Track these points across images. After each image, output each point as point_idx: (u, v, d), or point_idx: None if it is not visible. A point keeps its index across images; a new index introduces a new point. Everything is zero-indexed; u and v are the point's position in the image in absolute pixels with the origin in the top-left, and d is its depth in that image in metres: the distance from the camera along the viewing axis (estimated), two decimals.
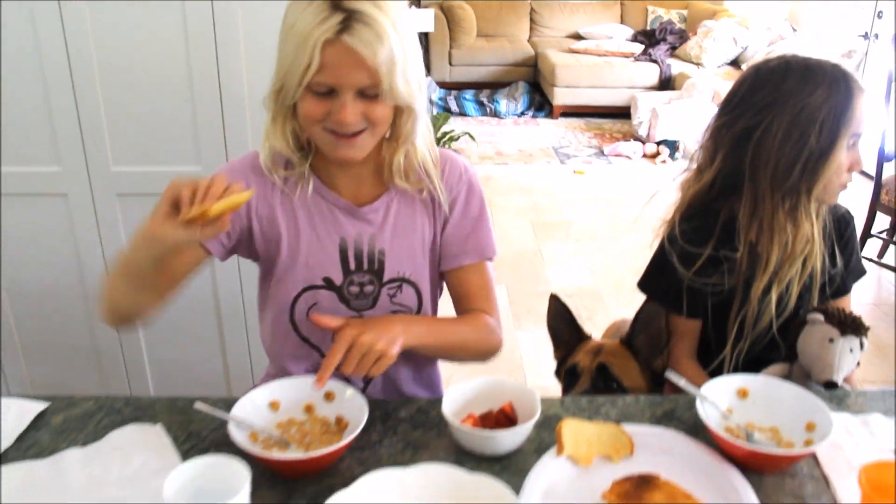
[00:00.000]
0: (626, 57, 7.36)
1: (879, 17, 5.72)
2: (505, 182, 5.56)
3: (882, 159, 3.95)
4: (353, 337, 1.18)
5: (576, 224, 4.77)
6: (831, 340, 1.39)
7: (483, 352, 1.45)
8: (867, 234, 4.10)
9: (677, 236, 1.53)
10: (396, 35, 1.18)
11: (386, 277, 1.42)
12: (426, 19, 4.16)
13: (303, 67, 1.16)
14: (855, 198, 5.15)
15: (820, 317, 1.41)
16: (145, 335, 2.41)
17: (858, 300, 3.89)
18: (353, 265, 1.40)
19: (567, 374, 1.57)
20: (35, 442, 1.21)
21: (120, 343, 2.42)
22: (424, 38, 7.64)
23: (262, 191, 1.38)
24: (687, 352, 1.57)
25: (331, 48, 1.15)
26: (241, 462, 0.95)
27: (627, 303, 2.19)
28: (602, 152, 6.21)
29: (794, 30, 6.87)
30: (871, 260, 4.15)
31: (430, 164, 1.38)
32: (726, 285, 1.50)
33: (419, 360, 1.53)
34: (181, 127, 2.19)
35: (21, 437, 1.21)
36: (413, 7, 6.39)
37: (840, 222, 1.59)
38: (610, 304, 3.78)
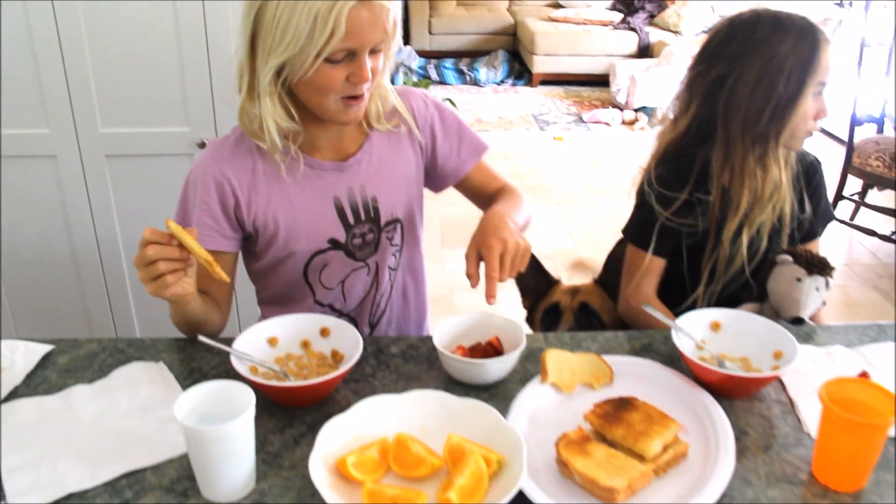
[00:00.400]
0: (605, 25, 7.40)
1: None
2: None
3: (854, 124, 4.04)
4: (500, 247, 1.23)
5: (555, 188, 4.84)
6: (799, 280, 1.47)
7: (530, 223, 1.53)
8: (839, 196, 4.20)
9: (654, 181, 1.60)
10: None
11: (383, 221, 1.48)
12: None
13: (324, 39, 1.18)
14: (827, 161, 5.26)
15: (788, 258, 1.49)
16: (132, 288, 2.46)
17: (831, 259, 4.00)
18: (351, 219, 1.45)
19: (548, 314, 1.64)
20: (44, 380, 1.26)
21: (108, 297, 2.46)
22: (404, 7, 7.64)
23: (244, 175, 1.39)
24: (653, 289, 1.64)
25: (354, 14, 1.18)
26: (245, 386, 1.01)
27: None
28: (581, 119, 6.27)
29: None
30: (843, 222, 4.25)
31: (398, 100, 1.46)
32: (700, 227, 1.58)
33: (416, 297, 1.61)
34: (169, 88, 2.22)
35: (29, 376, 1.27)
36: None
37: (809, 169, 1.66)
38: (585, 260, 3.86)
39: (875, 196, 4.46)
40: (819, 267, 1.47)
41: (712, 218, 1.57)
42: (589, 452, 1.05)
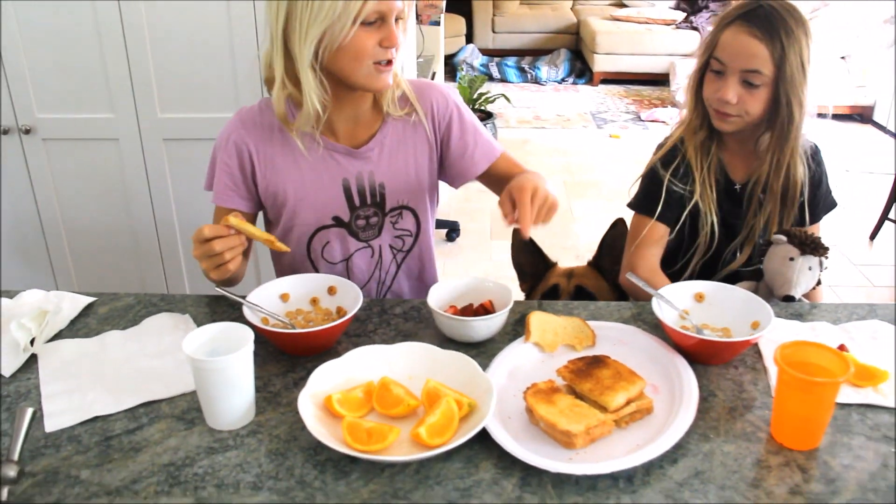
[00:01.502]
0: (668, 24, 7.39)
1: None
2: (541, 144, 5.69)
3: None
4: (532, 189, 1.32)
5: (607, 184, 4.89)
6: (791, 259, 1.53)
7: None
8: (894, 197, 4.14)
9: (659, 150, 1.75)
10: None
11: (388, 207, 1.60)
12: None
13: (361, 1, 1.31)
14: (881, 160, 5.15)
15: (783, 238, 1.55)
16: (185, 260, 2.63)
17: (886, 260, 3.96)
18: (357, 201, 1.57)
19: (545, 297, 1.73)
20: (84, 325, 1.44)
21: (162, 265, 2.64)
22: (468, 4, 7.77)
23: (263, 145, 1.52)
24: (657, 259, 1.71)
25: None
26: (246, 327, 1.15)
27: None
28: (639, 118, 6.29)
29: None
30: None
31: (409, 89, 1.57)
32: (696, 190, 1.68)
33: (422, 277, 1.71)
34: (221, 76, 2.39)
35: (73, 322, 1.44)
36: None
37: (808, 157, 1.71)
38: None
39: None
40: (812, 247, 1.53)
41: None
42: (554, 401, 1.14)
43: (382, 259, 1.64)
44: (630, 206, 1.78)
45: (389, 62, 1.41)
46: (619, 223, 1.74)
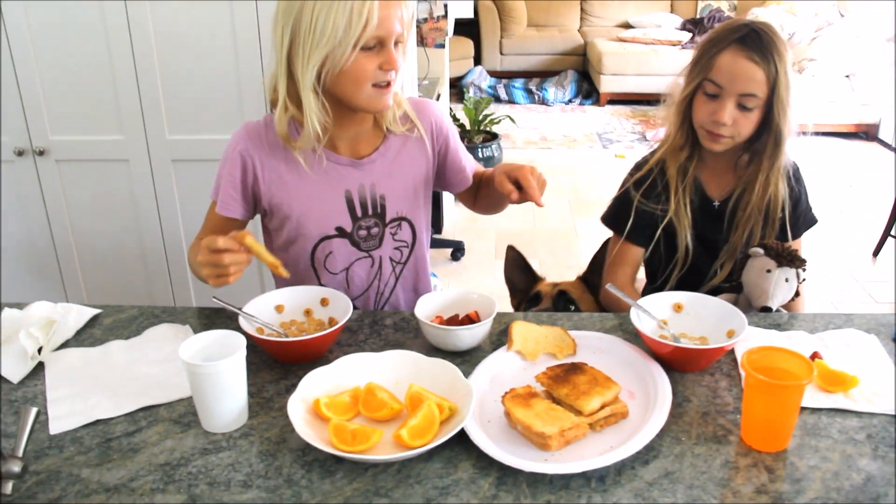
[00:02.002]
0: (673, 45, 7.46)
1: None
2: (547, 164, 5.76)
3: None
4: (528, 167, 1.45)
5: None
6: (769, 271, 1.58)
7: None
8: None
9: (639, 166, 1.82)
10: None
11: (388, 218, 1.66)
12: (465, 8, 4.40)
13: (360, 28, 1.39)
14: (886, 177, 5.18)
15: (760, 251, 1.61)
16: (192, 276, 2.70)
17: (889, 277, 3.99)
18: (359, 212, 1.64)
19: (530, 302, 1.80)
20: (90, 335, 1.51)
21: (170, 281, 2.72)
22: (476, 27, 7.87)
23: (267, 159, 1.59)
24: (629, 278, 1.79)
25: (383, 4, 1.41)
26: (239, 335, 1.21)
27: None
28: (645, 137, 6.35)
29: (842, 15, 6.87)
30: None
31: (409, 107, 1.66)
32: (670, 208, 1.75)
33: (417, 289, 1.78)
34: (227, 99, 2.48)
35: (79, 332, 1.52)
36: None
37: (789, 177, 1.77)
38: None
39: None
40: (788, 259, 1.58)
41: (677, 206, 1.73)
42: (531, 405, 1.20)
43: (382, 270, 1.71)
44: (602, 220, 1.86)
45: (389, 84, 1.49)
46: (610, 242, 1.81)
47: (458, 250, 4.28)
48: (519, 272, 1.89)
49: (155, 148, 2.55)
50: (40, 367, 1.39)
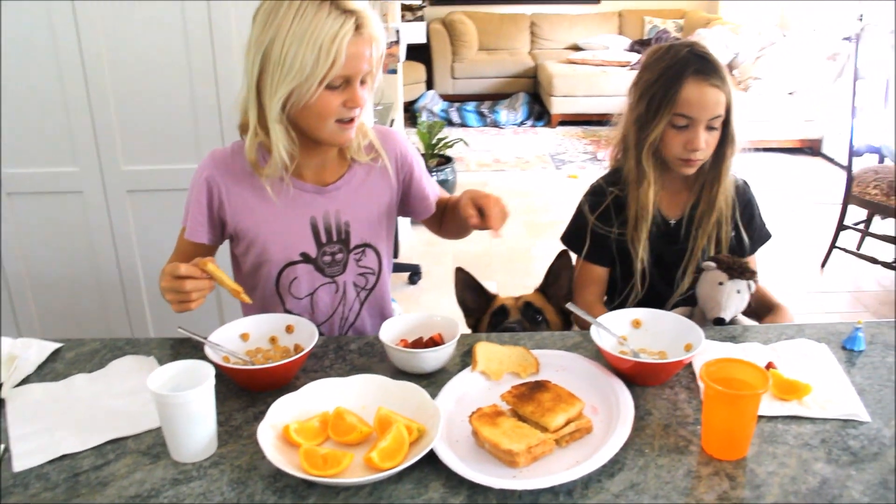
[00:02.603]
0: (623, 66, 7.61)
1: (860, 19, 5.93)
2: (501, 187, 5.81)
3: (852, 154, 4.16)
4: (492, 196, 1.51)
5: (565, 224, 5.00)
6: (721, 283, 1.63)
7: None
8: (841, 225, 4.30)
9: (588, 191, 1.86)
10: (382, 31, 1.50)
11: (352, 244, 1.68)
12: (418, 32, 4.46)
13: (327, 67, 1.41)
14: (831, 191, 5.36)
15: (712, 264, 1.66)
16: (150, 307, 2.68)
17: (837, 287, 4.11)
18: (324, 238, 1.66)
19: (496, 315, 1.82)
20: (51, 370, 1.49)
21: (127, 314, 2.68)
22: (427, 52, 7.94)
23: (233, 185, 1.62)
24: (596, 297, 1.84)
25: (351, 44, 1.43)
26: (208, 364, 1.22)
27: None
28: (596, 158, 6.46)
29: (784, 35, 7.08)
30: (847, 251, 4.34)
31: (375, 137, 1.68)
32: (627, 234, 1.80)
33: (383, 314, 1.79)
34: (183, 128, 2.47)
35: (41, 367, 1.50)
36: (415, 21, 6.68)
37: (739, 192, 1.83)
38: None
39: (879, 225, 4.55)
40: (739, 271, 1.63)
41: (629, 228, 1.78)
42: (498, 424, 1.22)
43: (346, 296, 1.72)
44: (561, 240, 1.91)
45: (352, 120, 1.52)
46: (564, 254, 1.85)
47: (415, 274, 4.29)
48: (470, 293, 1.91)
49: (110, 179, 2.53)
50: (0, 404, 1.38)
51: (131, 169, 2.52)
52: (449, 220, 1.80)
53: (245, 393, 1.38)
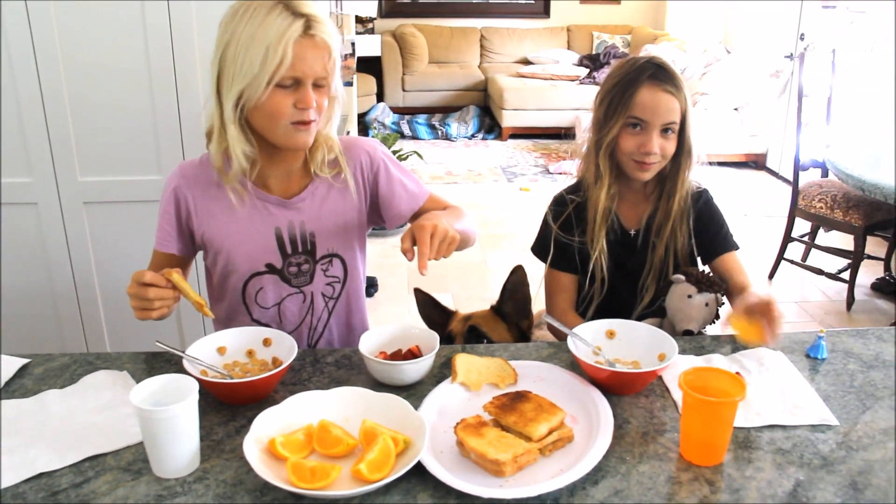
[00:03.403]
0: (572, 80, 7.73)
1: (802, 38, 6.12)
2: (454, 199, 5.79)
3: (798, 168, 4.29)
4: (431, 228, 1.41)
5: (519, 235, 5.07)
6: (689, 296, 1.67)
7: (473, 235, 1.72)
8: (788, 238, 4.42)
9: (557, 201, 1.89)
10: (336, 36, 1.50)
11: (318, 255, 1.68)
12: (373, 44, 4.46)
13: (275, 65, 1.43)
14: (776, 204, 5.51)
15: (682, 277, 1.70)
16: (106, 322, 2.62)
17: (784, 298, 4.22)
18: (289, 249, 1.66)
19: (445, 342, 1.83)
20: (20, 387, 1.45)
21: (83, 329, 2.63)
22: (378, 64, 7.96)
23: (201, 195, 1.63)
24: (567, 304, 1.86)
25: (299, 44, 1.44)
26: (191, 378, 1.20)
27: None
28: (548, 171, 6.53)
29: (728, 52, 7.27)
30: (793, 262, 4.47)
31: (341, 153, 1.67)
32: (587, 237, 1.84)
33: (350, 322, 1.79)
34: (143, 138, 2.43)
35: (8, 384, 1.46)
36: (366, 34, 6.69)
37: (695, 200, 1.87)
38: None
39: (824, 237, 4.69)
40: (707, 284, 1.68)
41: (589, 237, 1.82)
42: (483, 434, 1.23)
43: (314, 306, 1.72)
44: (531, 250, 1.94)
45: (307, 122, 1.51)
46: (519, 269, 1.86)
47: (371, 286, 4.29)
48: (431, 309, 1.93)
49: (66, 190, 2.48)
50: None
51: (88, 180, 2.47)
52: None
53: (225, 407, 1.37)
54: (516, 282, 1.84)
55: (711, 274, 1.71)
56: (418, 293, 1.94)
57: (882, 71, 5.18)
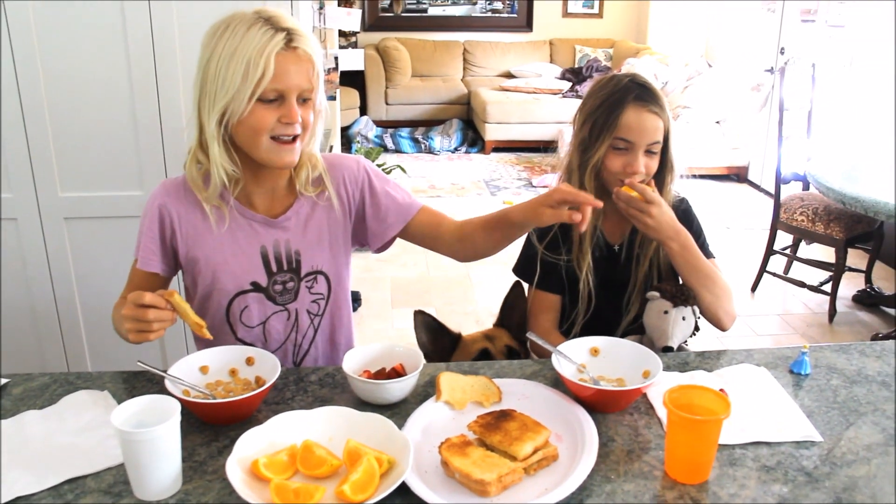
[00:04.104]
0: (554, 94, 7.76)
1: (782, 52, 6.18)
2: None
3: (779, 181, 4.32)
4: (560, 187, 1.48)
5: (503, 250, 5.05)
6: (666, 312, 1.68)
7: None
8: (770, 250, 4.45)
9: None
10: (319, 50, 1.49)
11: (303, 273, 1.67)
12: (356, 58, 4.46)
13: (256, 78, 1.42)
14: (758, 216, 5.54)
15: (657, 294, 1.70)
16: (87, 339, 2.60)
17: (767, 311, 4.24)
18: (274, 267, 1.65)
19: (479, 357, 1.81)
20: None
21: (63, 346, 2.60)
22: (361, 78, 7.96)
23: (185, 213, 1.61)
24: (551, 324, 1.86)
25: (281, 58, 1.44)
26: (172, 399, 1.19)
27: None
28: (531, 184, 6.54)
29: (710, 66, 7.33)
30: (776, 275, 4.49)
31: (325, 171, 1.67)
32: (573, 256, 1.83)
33: (334, 339, 1.78)
34: (124, 154, 2.42)
35: None
36: (349, 48, 6.70)
37: (674, 208, 1.87)
38: None
39: (805, 250, 4.72)
40: (683, 298, 1.68)
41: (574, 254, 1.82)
42: (467, 454, 1.23)
43: (299, 323, 1.70)
44: (513, 272, 1.94)
45: (293, 139, 1.51)
46: (517, 286, 1.86)
47: (354, 301, 4.26)
48: (429, 333, 1.84)
49: (46, 206, 2.46)
50: None
51: (69, 195, 2.45)
52: (501, 236, 1.69)
53: (207, 427, 1.35)
54: (515, 296, 1.85)
55: (684, 285, 1.71)
56: (419, 315, 1.84)
57: (861, 85, 5.24)
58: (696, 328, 1.72)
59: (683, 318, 1.67)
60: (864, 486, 1.23)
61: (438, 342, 1.86)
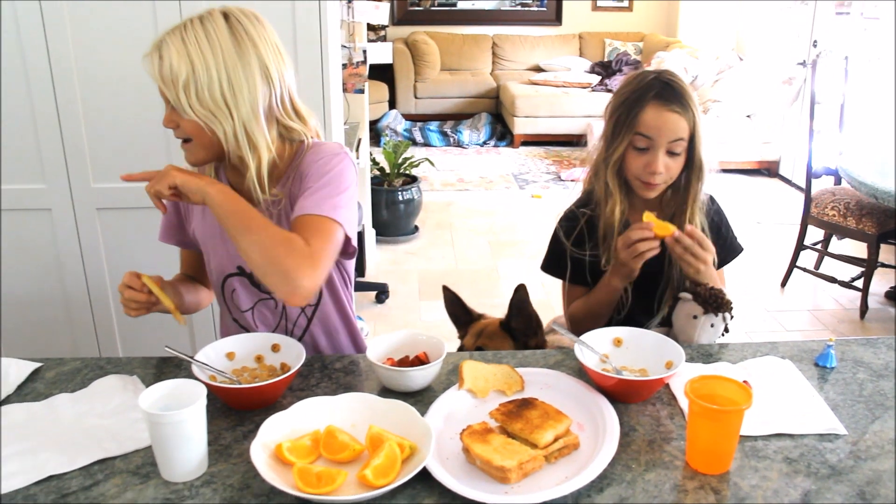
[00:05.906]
0: (584, 87, 7.74)
1: (814, 45, 6.11)
2: (465, 206, 5.86)
3: (810, 176, 4.27)
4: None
5: (530, 242, 5.07)
6: (695, 317, 1.66)
7: (279, 263, 1.35)
8: (801, 245, 4.41)
9: (567, 216, 1.88)
10: (181, 57, 1.43)
11: None
12: (385, 52, 4.49)
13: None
14: (789, 211, 5.49)
15: (689, 296, 1.68)
16: (119, 328, 2.64)
17: (797, 306, 4.21)
18: None
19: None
20: (32, 390, 1.47)
21: (96, 334, 2.65)
22: (390, 71, 7.99)
23: None
24: None
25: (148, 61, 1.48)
26: (198, 383, 1.22)
27: None
28: (560, 178, 6.53)
29: (741, 59, 7.26)
30: (806, 270, 4.45)
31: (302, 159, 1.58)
32: (601, 256, 1.83)
33: (336, 327, 1.76)
34: (155, 146, 2.45)
35: (20, 387, 1.48)
36: (378, 41, 6.72)
37: (708, 207, 1.87)
38: (559, 311, 4.06)
39: (837, 245, 4.67)
40: (715, 305, 1.65)
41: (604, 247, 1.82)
42: (488, 441, 1.24)
43: (287, 312, 1.70)
44: (542, 269, 1.95)
45: (184, 140, 1.55)
46: (521, 289, 1.85)
47: (382, 293, 4.30)
48: (456, 307, 1.96)
49: (79, 196, 2.50)
50: None
51: (101, 186, 2.49)
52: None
53: (232, 412, 1.38)
54: (521, 299, 1.84)
55: (721, 291, 1.68)
56: (446, 291, 1.98)
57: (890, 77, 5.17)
58: (726, 329, 1.70)
59: (712, 325, 1.65)
60: (888, 479, 1.22)
61: (463, 314, 1.98)
